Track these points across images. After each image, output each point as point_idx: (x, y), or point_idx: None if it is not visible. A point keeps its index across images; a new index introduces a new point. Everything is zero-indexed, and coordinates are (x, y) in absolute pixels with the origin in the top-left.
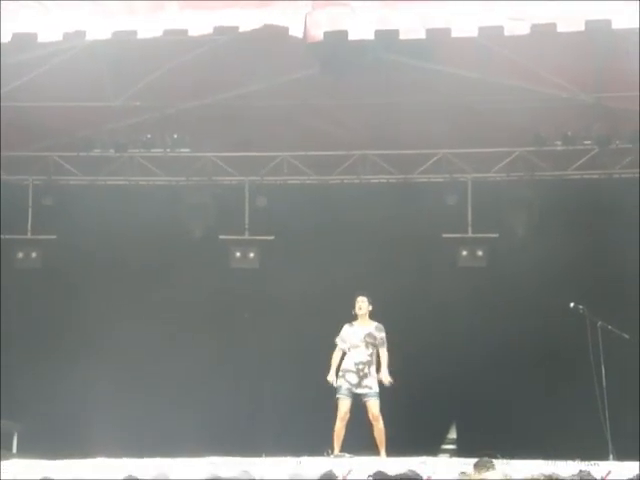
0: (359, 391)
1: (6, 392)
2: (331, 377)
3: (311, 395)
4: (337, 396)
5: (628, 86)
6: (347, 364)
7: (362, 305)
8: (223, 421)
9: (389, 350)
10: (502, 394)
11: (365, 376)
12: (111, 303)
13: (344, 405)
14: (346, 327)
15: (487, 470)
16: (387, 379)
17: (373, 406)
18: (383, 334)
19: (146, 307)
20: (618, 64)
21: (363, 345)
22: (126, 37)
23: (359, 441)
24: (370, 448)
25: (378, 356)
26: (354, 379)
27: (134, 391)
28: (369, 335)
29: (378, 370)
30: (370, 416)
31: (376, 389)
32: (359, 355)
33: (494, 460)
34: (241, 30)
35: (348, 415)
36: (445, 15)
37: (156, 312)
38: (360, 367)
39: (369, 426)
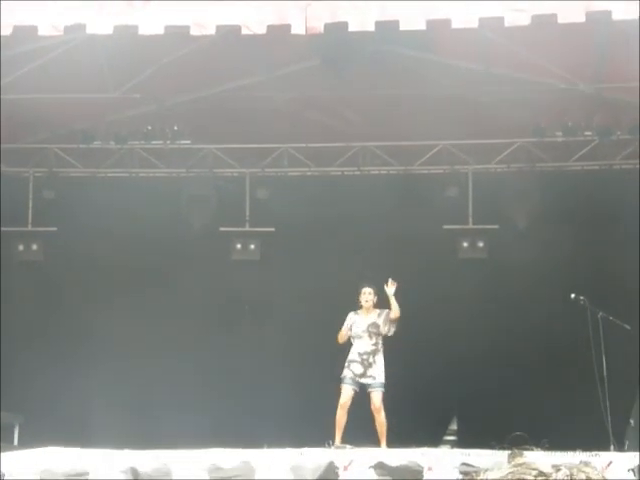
0: (363, 381)
1: (7, 384)
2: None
3: (312, 387)
4: (342, 385)
5: (629, 77)
6: (352, 355)
7: (368, 298)
8: (224, 413)
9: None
10: (503, 385)
11: (370, 365)
12: (112, 294)
13: (346, 392)
14: (351, 315)
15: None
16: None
17: (375, 397)
18: (386, 315)
19: (147, 298)
20: (618, 55)
21: (366, 335)
22: (127, 32)
23: (360, 432)
24: (371, 439)
25: (383, 345)
26: (359, 369)
27: (134, 382)
28: (373, 325)
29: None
30: (372, 407)
31: (380, 379)
32: (363, 345)
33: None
34: (244, 33)
35: (349, 403)
36: (446, 6)
37: (157, 303)
38: (364, 357)
39: (370, 418)
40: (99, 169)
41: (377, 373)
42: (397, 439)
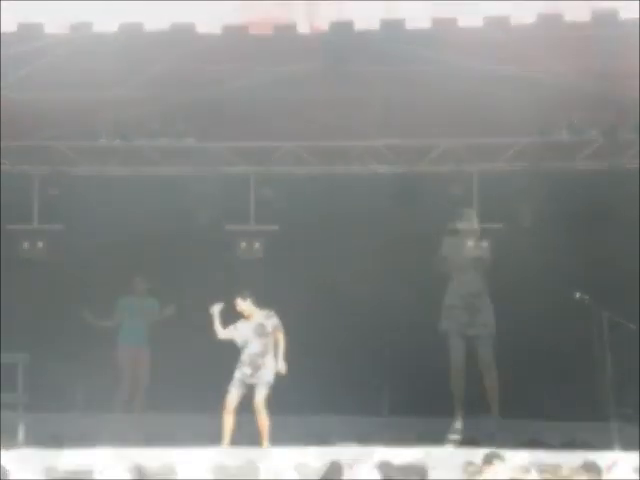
0: (252, 381)
1: (8, 382)
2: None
3: (315, 384)
4: (229, 387)
5: (634, 76)
6: (243, 357)
7: (241, 306)
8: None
9: (396, 339)
10: (506, 384)
11: (259, 367)
12: (116, 292)
13: (232, 396)
14: (241, 321)
15: (493, 464)
16: (283, 368)
17: (257, 394)
18: (275, 320)
19: (151, 296)
20: (625, 54)
21: (255, 337)
22: (133, 29)
23: (365, 430)
24: (376, 438)
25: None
26: (249, 370)
27: None
28: (259, 326)
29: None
30: (254, 405)
31: (267, 378)
32: (253, 347)
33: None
34: (251, 32)
35: (233, 406)
36: (451, 4)
37: (161, 301)
38: (254, 358)
39: (374, 415)
40: (104, 167)
41: (264, 374)
42: (401, 438)
